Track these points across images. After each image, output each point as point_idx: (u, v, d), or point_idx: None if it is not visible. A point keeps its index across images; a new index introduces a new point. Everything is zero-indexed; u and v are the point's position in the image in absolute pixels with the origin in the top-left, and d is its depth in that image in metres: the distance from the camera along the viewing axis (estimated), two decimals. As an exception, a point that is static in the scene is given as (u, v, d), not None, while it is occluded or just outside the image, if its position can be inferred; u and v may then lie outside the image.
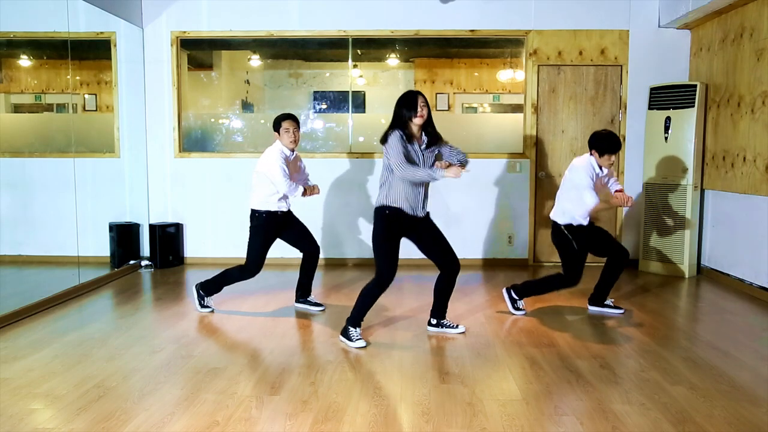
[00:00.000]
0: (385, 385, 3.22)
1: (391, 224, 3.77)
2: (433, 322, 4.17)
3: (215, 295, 4.67)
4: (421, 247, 4.01)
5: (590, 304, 4.69)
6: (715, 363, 3.54)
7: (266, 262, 4.61)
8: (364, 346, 3.81)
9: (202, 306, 4.62)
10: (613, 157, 4.30)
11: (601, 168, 4.34)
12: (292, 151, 4.50)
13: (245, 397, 3.04)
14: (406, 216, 3.78)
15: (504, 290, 4.66)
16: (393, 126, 3.76)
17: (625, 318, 4.52)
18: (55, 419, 2.80)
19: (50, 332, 4.10)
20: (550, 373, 3.37)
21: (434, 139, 3.85)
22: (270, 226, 4.50)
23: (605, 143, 4.27)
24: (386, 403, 2.98)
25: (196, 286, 4.65)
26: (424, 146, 3.81)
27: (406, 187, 3.74)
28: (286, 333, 4.10)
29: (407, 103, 3.72)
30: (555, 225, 4.49)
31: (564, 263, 4.48)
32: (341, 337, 3.92)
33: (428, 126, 3.81)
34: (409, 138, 3.73)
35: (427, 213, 3.94)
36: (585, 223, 4.37)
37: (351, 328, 3.87)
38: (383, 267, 3.76)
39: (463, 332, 4.11)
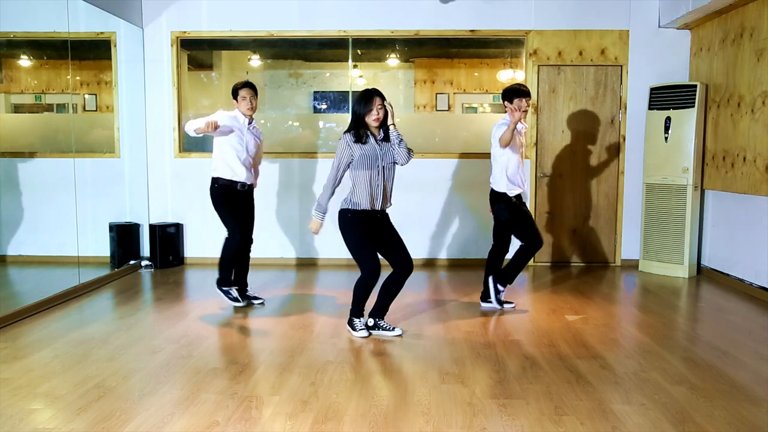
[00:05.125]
0: (385, 385, 3.22)
1: (356, 222, 3.90)
2: (371, 323, 4.07)
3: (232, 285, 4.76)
4: (380, 247, 4.00)
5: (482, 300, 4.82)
6: (715, 363, 3.54)
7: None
8: (367, 336, 3.99)
9: (232, 298, 4.70)
10: (523, 101, 4.50)
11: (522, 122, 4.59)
12: (250, 119, 4.68)
13: (245, 397, 3.04)
14: (366, 213, 3.90)
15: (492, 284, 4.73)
16: (350, 125, 3.91)
17: (625, 318, 4.52)
18: (55, 419, 2.80)
19: (50, 332, 4.10)
20: (550, 373, 3.37)
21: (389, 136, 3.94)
22: (225, 196, 4.68)
23: (511, 89, 4.57)
24: (386, 403, 2.98)
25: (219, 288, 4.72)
26: (381, 138, 3.91)
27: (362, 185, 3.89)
28: (286, 333, 4.10)
29: (362, 100, 3.84)
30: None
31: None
32: (347, 327, 4.10)
33: (384, 125, 3.90)
34: (365, 137, 3.84)
35: (385, 211, 4.01)
36: (517, 191, 4.58)
37: (354, 319, 4.06)
38: (363, 261, 3.92)
39: (400, 335, 4.01)
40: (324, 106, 7.10)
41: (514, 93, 4.54)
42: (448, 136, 6.85)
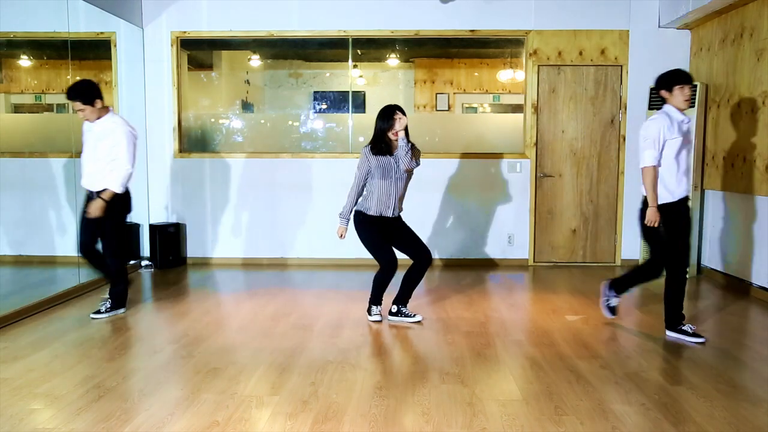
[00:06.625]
0: (385, 385, 3.22)
1: (366, 224, 4.21)
2: (394, 309, 4.35)
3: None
4: (396, 244, 4.30)
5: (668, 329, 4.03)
6: (715, 363, 3.54)
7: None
8: (379, 321, 4.31)
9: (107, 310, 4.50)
10: (686, 89, 3.76)
11: (683, 113, 3.80)
12: (95, 120, 4.41)
13: (245, 397, 3.04)
14: (375, 218, 4.20)
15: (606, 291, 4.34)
16: (371, 139, 4.18)
17: (625, 318, 4.52)
18: (55, 419, 2.80)
19: (50, 332, 4.10)
20: (550, 373, 3.37)
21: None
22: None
23: (671, 74, 3.81)
24: (386, 403, 2.98)
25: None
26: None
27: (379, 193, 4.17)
28: (286, 333, 4.10)
29: (384, 116, 4.13)
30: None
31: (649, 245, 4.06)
32: (366, 313, 4.42)
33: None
34: (385, 149, 4.13)
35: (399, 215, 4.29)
36: (665, 199, 3.87)
37: (372, 306, 4.37)
38: (379, 257, 4.24)
39: (419, 321, 4.32)
40: (324, 106, 7.10)
41: (674, 79, 3.74)
42: (448, 136, 6.85)
